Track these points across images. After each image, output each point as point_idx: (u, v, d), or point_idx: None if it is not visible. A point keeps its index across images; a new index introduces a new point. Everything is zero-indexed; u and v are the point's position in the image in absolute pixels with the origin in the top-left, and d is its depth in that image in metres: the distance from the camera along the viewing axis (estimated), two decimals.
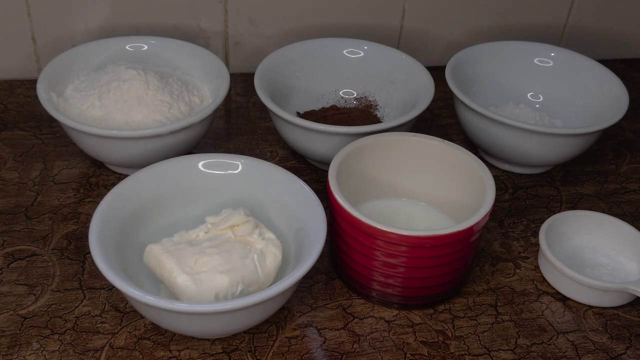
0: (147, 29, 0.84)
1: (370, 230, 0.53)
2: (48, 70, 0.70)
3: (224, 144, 0.76)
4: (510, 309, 0.59)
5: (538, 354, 0.55)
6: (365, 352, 0.55)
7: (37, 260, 0.60)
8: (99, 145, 0.65)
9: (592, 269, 0.61)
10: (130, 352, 0.53)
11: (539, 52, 0.80)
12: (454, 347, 0.56)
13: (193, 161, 0.61)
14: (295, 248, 0.57)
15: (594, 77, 0.77)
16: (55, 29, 0.82)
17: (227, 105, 0.82)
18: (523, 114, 0.75)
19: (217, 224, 0.56)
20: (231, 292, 0.52)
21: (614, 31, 0.95)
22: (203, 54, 0.75)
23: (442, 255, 0.55)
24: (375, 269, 0.56)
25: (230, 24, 0.85)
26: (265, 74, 0.72)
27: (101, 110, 0.67)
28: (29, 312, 0.56)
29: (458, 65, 0.75)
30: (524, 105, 0.77)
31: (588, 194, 0.72)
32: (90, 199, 0.67)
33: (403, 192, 0.65)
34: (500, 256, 0.64)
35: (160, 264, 0.53)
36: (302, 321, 0.57)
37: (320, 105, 0.78)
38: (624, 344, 0.57)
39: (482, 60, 0.79)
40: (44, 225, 0.64)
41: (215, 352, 0.54)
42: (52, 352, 0.53)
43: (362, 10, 0.87)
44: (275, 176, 0.60)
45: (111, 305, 0.57)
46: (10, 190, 0.67)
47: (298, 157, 0.74)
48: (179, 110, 0.69)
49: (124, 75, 0.68)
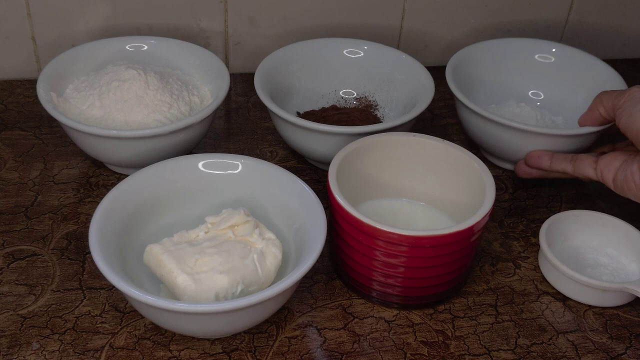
0: (147, 29, 0.84)
1: (370, 230, 0.53)
2: (48, 70, 0.70)
3: (224, 144, 0.76)
4: (510, 309, 0.59)
5: (538, 354, 0.55)
6: (365, 352, 0.55)
7: (37, 260, 0.60)
8: (99, 145, 0.65)
9: (592, 269, 0.61)
10: (130, 352, 0.53)
11: (540, 49, 0.80)
12: (454, 347, 0.56)
13: (193, 161, 0.61)
14: (295, 248, 0.57)
15: (596, 73, 0.76)
16: (55, 29, 0.82)
17: (227, 105, 0.82)
18: (524, 113, 0.75)
19: (217, 224, 0.56)
20: (231, 292, 0.52)
21: (614, 31, 0.95)
22: (203, 54, 0.75)
23: (442, 255, 0.54)
24: (375, 269, 0.56)
25: (230, 24, 0.85)
26: (265, 74, 0.72)
27: (101, 110, 0.67)
28: (29, 312, 0.56)
29: (458, 64, 0.75)
30: (525, 103, 0.77)
31: (588, 193, 0.72)
32: (90, 199, 0.67)
33: (403, 192, 0.65)
34: (500, 256, 0.64)
35: (160, 264, 0.53)
36: (302, 321, 0.57)
37: (320, 105, 0.78)
38: (624, 344, 0.57)
39: (482, 59, 0.79)
40: (44, 225, 0.64)
41: (215, 352, 0.54)
42: (52, 352, 0.53)
43: (362, 10, 0.87)
44: (275, 176, 0.60)
45: (111, 305, 0.57)
46: (10, 190, 0.67)
47: (298, 157, 0.74)
48: (179, 110, 0.69)
49: (124, 75, 0.68)
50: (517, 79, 0.80)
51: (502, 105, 0.77)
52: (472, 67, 0.77)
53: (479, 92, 0.77)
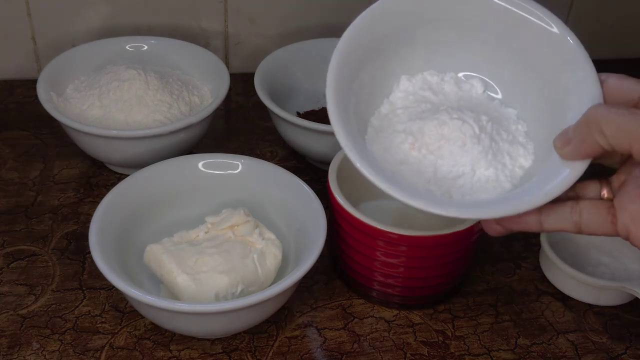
0: (147, 29, 0.84)
1: (370, 230, 0.53)
2: (48, 70, 0.70)
3: (224, 144, 0.76)
4: (510, 309, 0.59)
5: (538, 354, 0.55)
6: (365, 352, 0.55)
7: (37, 260, 0.60)
8: (99, 145, 0.65)
9: (594, 268, 0.61)
10: (130, 352, 0.53)
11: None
12: (454, 347, 0.56)
13: (193, 161, 0.61)
14: (295, 248, 0.57)
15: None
16: (55, 29, 0.82)
17: (227, 105, 0.82)
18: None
19: (217, 224, 0.56)
20: (231, 292, 0.52)
21: (614, 31, 0.95)
22: (203, 54, 0.75)
23: (442, 255, 0.55)
24: (375, 269, 0.56)
25: (230, 24, 0.85)
26: (265, 74, 0.72)
27: (101, 110, 0.67)
28: (29, 312, 0.56)
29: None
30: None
31: None
32: (90, 199, 0.67)
33: None
34: (500, 256, 0.64)
35: (160, 264, 0.53)
36: (302, 321, 0.57)
37: (320, 105, 0.78)
38: (624, 344, 0.57)
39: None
40: (44, 225, 0.64)
41: (215, 352, 0.54)
42: (52, 352, 0.53)
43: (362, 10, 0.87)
44: (275, 176, 0.60)
45: (111, 305, 0.57)
46: (10, 190, 0.67)
47: (298, 157, 0.74)
48: (179, 110, 0.69)
49: (124, 75, 0.68)
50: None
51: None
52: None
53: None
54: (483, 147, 0.47)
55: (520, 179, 0.47)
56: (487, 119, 0.48)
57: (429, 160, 0.47)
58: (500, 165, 0.47)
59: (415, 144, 0.47)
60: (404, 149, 0.48)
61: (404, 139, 0.48)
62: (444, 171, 0.47)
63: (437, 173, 0.47)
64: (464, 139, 0.47)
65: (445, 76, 0.52)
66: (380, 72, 0.50)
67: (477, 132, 0.47)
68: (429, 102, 0.50)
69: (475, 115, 0.48)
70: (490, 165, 0.47)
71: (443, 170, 0.47)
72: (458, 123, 0.47)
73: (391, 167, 0.47)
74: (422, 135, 0.48)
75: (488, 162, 0.47)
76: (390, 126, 0.49)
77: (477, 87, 0.51)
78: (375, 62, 0.50)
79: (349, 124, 0.45)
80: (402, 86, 0.51)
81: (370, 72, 0.49)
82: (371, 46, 0.49)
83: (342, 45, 0.47)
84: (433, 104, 0.50)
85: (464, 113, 0.48)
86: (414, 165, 0.47)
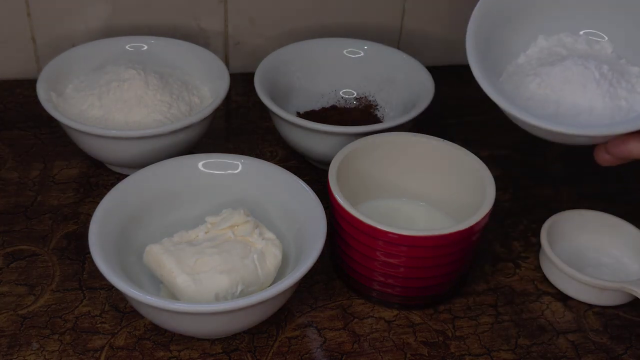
0: (147, 29, 0.84)
1: (370, 230, 0.53)
2: (48, 70, 0.70)
3: (224, 144, 0.76)
4: (510, 309, 0.59)
5: (538, 354, 0.55)
6: (365, 352, 0.55)
7: (37, 260, 0.60)
8: (99, 145, 0.65)
9: (593, 268, 0.61)
10: (130, 352, 0.53)
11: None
12: (454, 347, 0.56)
13: (193, 161, 0.61)
14: (295, 248, 0.57)
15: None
16: (55, 29, 0.82)
17: (227, 105, 0.82)
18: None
19: (217, 224, 0.56)
20: (231, 292, 0.52)
21: None
22: (203, 54, 0.75)
23: (442, 255, 0.55)
24: (375, 269, 0.56)
25: (230, 24, 0.85)
26: (265, 74, 0.72)
27: (101, 110, 0.67)
28: (29, 312, 0.56)
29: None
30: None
31: (588, 193, 0.72)
32: (90, 199, 0.67)
33: (403, 192, 0.65)
34: (500, 256, 0.64)
35: (160, 264, 0.53)
36: (302, 321, 0.57)
37: (320, 105, 0.78)
38: (624, 344, 0.57)
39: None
40: (44, 225, 0.64)
41: (215, 352, 0.54)
42: (52, 352, 0.53)
43: (362, 10, 0.87)
44: (275, 176, 0.60)
45: (111, 305, 0.57)
46: (10, 190, 0.67)
47: (298, 157, 0.74)
48: (179, 110, 0.69)
49: (124, 75, 0.68)
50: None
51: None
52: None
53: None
54: (602, 90, 0.52)
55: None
56: (608, 68, 0.54)
57: (552, 98, 0.53)
58: (616, 108, 0.52)
59: (541, 84, 0.53)
60: (532, 88, 0.54)
61: (532, 79, 0.54)
62: (565, 108, 0.52)
63: (559, 109, 0.52)
64: (584, 82, 0.53)
65: (579, 37, 0.58)
66: (520, 28, 0.58)
67: (597, 77, 0.53)
68: (560, 55, 0.57)
69: (597, 64, 0.54)
70: (607, 107, 0.52)
71: (564, 107, 0.52)
72: (580, 68, 0.53)
73: (519, 102, 0.53)
74: (549, 77, 0.54)
75: (605, 103, 0.52)
76: (523, 71, 0.56)
77: (606, 48, 0.57)
78: (517, 20, 0.57)
79: (484, 66, 0.53)
80: (540, 44, 0.58)
81: (512, 28, 0.57)
82: (517, 6, 0.57)
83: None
84: (563, 56, 0.56)
85: (587, 61, 0.54)
86: (539, 102, 0.53)
